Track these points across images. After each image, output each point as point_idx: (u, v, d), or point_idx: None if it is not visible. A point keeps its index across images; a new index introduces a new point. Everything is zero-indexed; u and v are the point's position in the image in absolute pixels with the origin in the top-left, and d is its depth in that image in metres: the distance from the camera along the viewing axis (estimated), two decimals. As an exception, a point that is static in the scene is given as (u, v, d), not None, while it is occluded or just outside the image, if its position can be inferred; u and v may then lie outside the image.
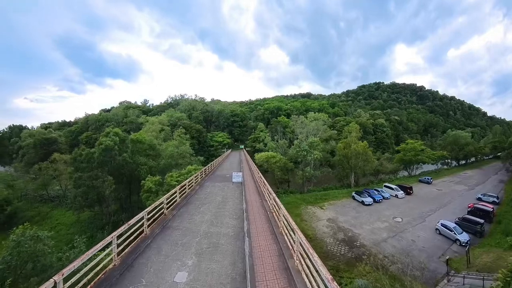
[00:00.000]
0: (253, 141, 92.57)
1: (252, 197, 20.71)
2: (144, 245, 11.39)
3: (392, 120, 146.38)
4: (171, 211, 16.76)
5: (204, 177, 32.65)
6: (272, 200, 14.75)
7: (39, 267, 16.64)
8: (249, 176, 33.72)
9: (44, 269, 16.67)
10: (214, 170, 41.26)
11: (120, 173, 45.11)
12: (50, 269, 16.71)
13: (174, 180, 33.71)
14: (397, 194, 50.67)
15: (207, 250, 10.81)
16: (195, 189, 24.69)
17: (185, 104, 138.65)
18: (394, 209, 43.38)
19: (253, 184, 27.29)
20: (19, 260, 16.29)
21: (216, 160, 52.25)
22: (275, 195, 14.42)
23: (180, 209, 17.39)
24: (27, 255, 16.57)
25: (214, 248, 10.96)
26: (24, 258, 16.45)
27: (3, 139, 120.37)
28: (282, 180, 58.52)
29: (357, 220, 38.62)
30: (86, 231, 43.72)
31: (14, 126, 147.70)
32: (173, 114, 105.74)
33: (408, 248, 29.71)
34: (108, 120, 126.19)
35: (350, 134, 63.11)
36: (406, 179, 70.71)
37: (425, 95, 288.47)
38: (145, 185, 35.31)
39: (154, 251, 10.87)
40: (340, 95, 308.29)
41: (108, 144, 40.96)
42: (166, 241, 11.96)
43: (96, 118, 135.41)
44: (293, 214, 39.56)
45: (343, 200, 48.79)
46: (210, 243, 11.51)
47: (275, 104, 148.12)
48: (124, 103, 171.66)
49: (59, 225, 49.86)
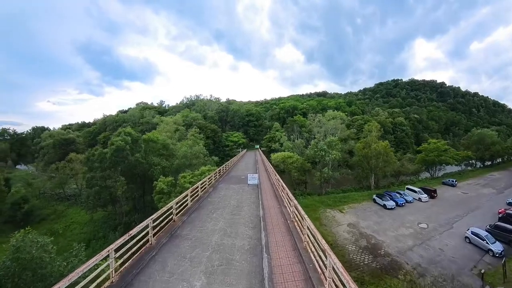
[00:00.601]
0: (268, 140, 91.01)
1: (269, 202, 19.04)
2: (148, 257, 10.01)
3: (411, 119, 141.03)
4: (181, 216, 15.37)
5: (218, 178, 31.36)
6: (293, 207, 13.06)
7: (39, 275, 15.66)
8: (265, 178, 32.07)
9: (44, 278, 15.67)
10: (229, 171, 39.96)
11: (133, 173, 44.73)
12: (49, 278, 15.69)
13: (187, 182, 32.60)
14: (421, 198, 47.53)
15: (218, 268, 9.21)
16: (208, 191, 23.35)
17: (200, 105, 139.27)
18: (418, 214, 40.59)
19: (270, 187, 25.64)
20: (18, 267, 15.36)
21: (231, 160, 51.16)
22: (296, 202, 12.72)
23: (191, 215, 16.00)
24: (27, 262, 15.61)
25: (227, 266, 9.36)
26: (23, 265, 15.51)
27: (26, 139, 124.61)
28: (299, 181, 56.49)
29: (379, 225, 36.24)
30: (99, 230, 43.62)
31: (37, 127, 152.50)
32: (188, 114, 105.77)
33: (437, 258, 27.27)
34: (125, 120, 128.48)
35: (370, 133, 60.20)
36: (428, 181, 66.93)
37: (446, 91, 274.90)
38: (157, 186, 34.42)
39: (158, 266, 9.46)
40: (356, 94, 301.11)
41: (119, 144, 40.49)
42: (173, 253, 10.53)
43: (113, 119, 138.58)
44: (311, 217, 37.42)
45: (363, 203, 46.31)
46: (222, 259, 9.92)
47: (291, 103, 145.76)
48: (141, 104, 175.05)
49: (73, 223, 50.25)
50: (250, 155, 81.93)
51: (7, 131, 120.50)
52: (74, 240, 42.90)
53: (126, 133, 43.71)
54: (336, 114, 76.48)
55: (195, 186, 20.35)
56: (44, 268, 16.01)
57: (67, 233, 47.12)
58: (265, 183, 28.22)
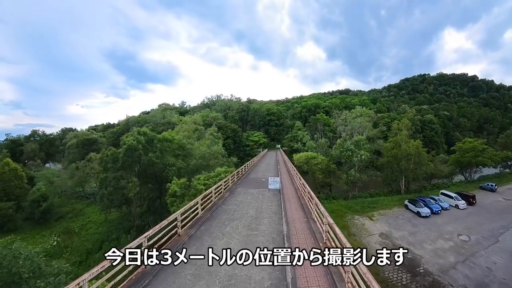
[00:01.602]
0: (290, 140, 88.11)
1: (294, 213, 16.17)
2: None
3: (441, 116, 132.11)
4: (188, 229, 13.01)
5: (236, 181, 28.98)
6: (326, 226, 10.30)
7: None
8: (288, 182, 29.29)
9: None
10: (248, 173, 37.61)
11: (149, 174, 43.28)
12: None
13: (202, 184, 30.34)
14: (458, 204, 42.51)
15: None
16: (223, 197, 20.92)
17: (221, 104, 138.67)
18: (457, 224, 36.07)
19: (294, 193, 22.80)
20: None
21: (251, 160, 48.90)
22: (331, 219, 9.96)
23: (201, 227, 13.58)
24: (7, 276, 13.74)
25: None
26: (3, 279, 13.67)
27: (55, 140, 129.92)
28: (324, 184, 52.96)
29: (415, 236, 32.21)
30: (113, 231, 42.89)
31: (65, 129, 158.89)
32: (208, 114, 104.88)
33: (485, 279, 23.34)
34: (147, 121, 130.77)
35: (400, 131, 55.37)
36: (463, 184, 60.72)
37: (478, 86, 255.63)
38: (170, 189, 32.37)
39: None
40: (380, 91, 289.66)
41: (131, 144, 38.95)
42: (170, 286, 8.13)
43: (136, 119, 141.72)
44: (338, 225, 33.68)
45: (394, 210, 42.10)
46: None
47: (313, 101, 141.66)
48: (163, 105, 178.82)
49: (89, 223, 50.06)
50: (271, 155, 79.58)
51: (37, 133, 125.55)
52: (88, 240, 42.55)
53: (140, 133, 42.27)
54: (363, 111, 70.91)
55: (208, 192, 18.01)
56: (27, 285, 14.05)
57: (82, 233, 46.75)
58: (288, 187, 25.50)
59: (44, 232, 48.61)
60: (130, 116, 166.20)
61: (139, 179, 42.37)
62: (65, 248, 40.29)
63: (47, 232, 48.05)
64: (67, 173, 68.54)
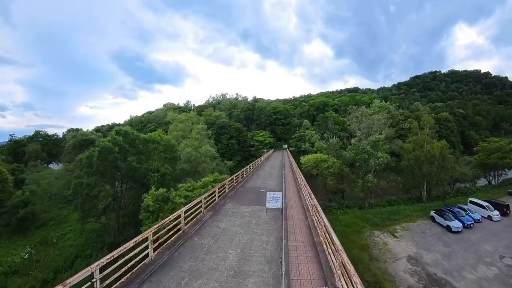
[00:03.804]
0: (297, 140, 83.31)
1: (302, 264, 9.91)
2: None
3: (456, 114, 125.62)
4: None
5: (227, 192, 23.82)
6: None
7: None
8: (294, 195, 23.41)
9: None
10: (247, 179, 32.20)
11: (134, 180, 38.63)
12: None
13: (182, 196, 25.06)
14: (491, 215, 37.21)
15: None
16: (202, 219, 15.74)
17: (226, 103, 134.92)
18: (494, 241, 30.83)
19: (302, 216, 16.66)
20: None
21: (253, 163, 43.97)
22: None
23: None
24: None
25: None
26: None
27: (59, 140, 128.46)
28: (336, 190, 47.08)
29: (450, 260, 26.85)
30: (89, 245, 38.27)
31: (71, 129, 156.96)
32: (211, 113, 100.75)
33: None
34: (150, 121, 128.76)
35: (422, 130, 49.88)
36: (489, 190, 54.88)
37: (491, 82, 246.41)
38: (145, 201, 26.64)
39: None
40: (390, 89, 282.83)
41: (105, 146, 34.35)
42: None
43: (139, 119, 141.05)
44: (357, 245, 29.31)
45: (419, 223, 36.71)
46: None
47: (321, 99, 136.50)
48: (168, 105, 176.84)
49: (69, 232, 45.21)
50: (277, 156, 75.10)
51: (40, 133, 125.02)
52: (61, 254, 37.43)
53: (120, 132, 37.43)
54: (382, 106, 62.15)
55: (175, 215, 12.99)
56: None
57: (60, 244, 41.71)
58: (294, 206, 19.31)
59: (20, 241, 44.24)
60: (134, 116, 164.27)
61: (122, 186, 37.92)
62: (36, 263, 35.44)
63: (23, 242, 43.69)
64: (58, 175, 64.79)
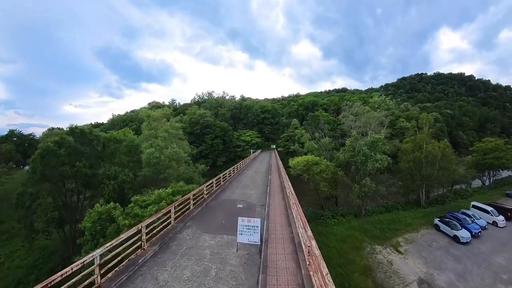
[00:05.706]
0: (286, 140, 79.60)
1: None
2: None
3: (444, 114, 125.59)
4: None
5: (191, 210, 17.89)
6: None
7: None
8: (282, 214, 16.98)
9: None
10: (224, 187, 26.89)
11: (86, 188, 33.23)
12: None
13: (131, 215, 19.37)
14: (496, 221, 34.21)
15: None
16: (133, 265, 10.13)
17: (212, 102, 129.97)
18: (506, 251, 27.53)
19: (292, 257, 10.74)
20: None
21: (236, 166, 39.04)
22: None
23: None
24: None
25: None
26: None
27: (37, 141, 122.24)
28: (329, 196, 41.89)
29: (466, 281, 22.58)
30: (38, 266, 31.97)
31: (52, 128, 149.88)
32: (195, 111, 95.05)
33: None
34: (132, 120, 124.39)
35: (421, 129, 46.26)
36: (486, 192, 52.61)
37: (475, 85, 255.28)
38: (84, 222, 20.84)
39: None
40: (378, 89, 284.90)
41: (47, 148, 29.14)
42: None
43: (121, 118, 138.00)
44: (357, 267, 24.43)
45: (422, 232, 32.59)
46: None
47: (310, 99, 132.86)
48: (153, 103, 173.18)
49: (22, 249, 37.53)
50: (264, 157, 70.59)
51: (14, 132, 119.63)
52: (3, 278, 30.85)
53: (74, 131, 32.11)
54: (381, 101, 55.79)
55: (87, 257, 8.58)
56: None
57: (6, 263, 34.38)
58: (280, 237, 13.01)
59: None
60: (116, 115, 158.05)
61: (78, 195, 32.47)
62: None
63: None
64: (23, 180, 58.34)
